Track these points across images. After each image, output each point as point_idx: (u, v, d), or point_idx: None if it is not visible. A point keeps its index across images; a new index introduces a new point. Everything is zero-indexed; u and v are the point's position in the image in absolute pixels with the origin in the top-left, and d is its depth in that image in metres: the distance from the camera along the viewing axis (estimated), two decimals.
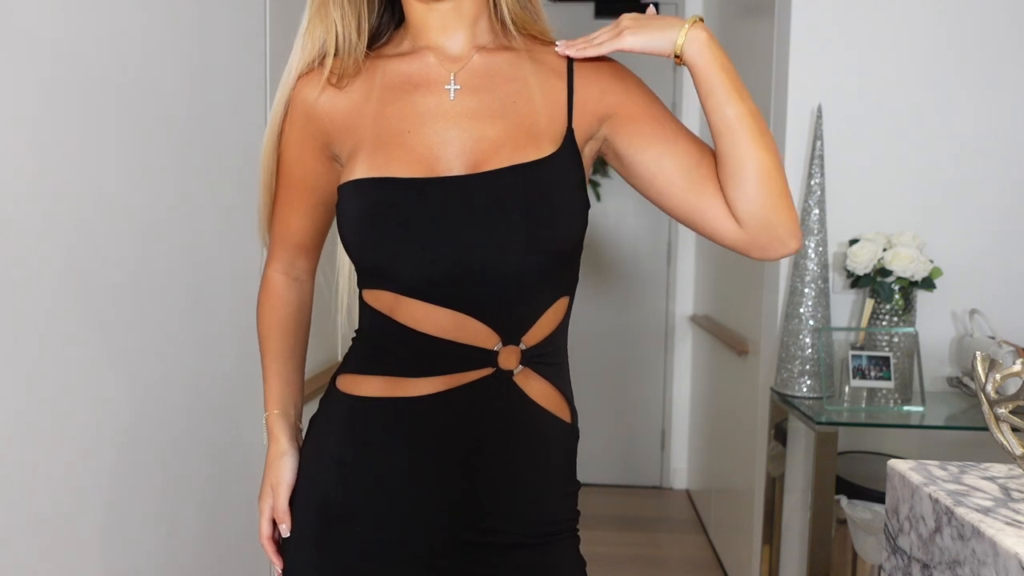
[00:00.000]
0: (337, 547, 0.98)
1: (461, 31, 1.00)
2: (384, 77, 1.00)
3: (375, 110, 0.98)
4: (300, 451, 1.05)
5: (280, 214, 1.07)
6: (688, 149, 0.98)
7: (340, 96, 1.00)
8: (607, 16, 3.69)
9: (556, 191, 0.94)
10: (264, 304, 1.10)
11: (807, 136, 2.22)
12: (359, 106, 0.99)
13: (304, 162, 1.02)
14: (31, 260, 1.04)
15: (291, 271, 1.10)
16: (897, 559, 0.90)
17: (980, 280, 2.21)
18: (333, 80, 1.00)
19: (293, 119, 1.01)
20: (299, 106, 1.01)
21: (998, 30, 2.18)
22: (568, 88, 0.99)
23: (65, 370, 1.10)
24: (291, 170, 1.03)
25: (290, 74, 1.01)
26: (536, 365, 0.97)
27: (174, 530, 1.39)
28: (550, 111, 0.98)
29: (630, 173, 1.01)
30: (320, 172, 1.02)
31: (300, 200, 1.05)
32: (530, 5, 1.02)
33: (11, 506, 1.01)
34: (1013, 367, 0.82)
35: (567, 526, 1.01)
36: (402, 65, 1.00)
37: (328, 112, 1.00)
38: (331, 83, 1.00)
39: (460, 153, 0.95)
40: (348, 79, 1.00)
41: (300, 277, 1.10)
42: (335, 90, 1.00)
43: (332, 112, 1.00)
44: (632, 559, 3.06)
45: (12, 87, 1.00)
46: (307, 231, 1.07)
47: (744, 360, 2.71)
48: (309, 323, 1.13)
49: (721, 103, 0.94)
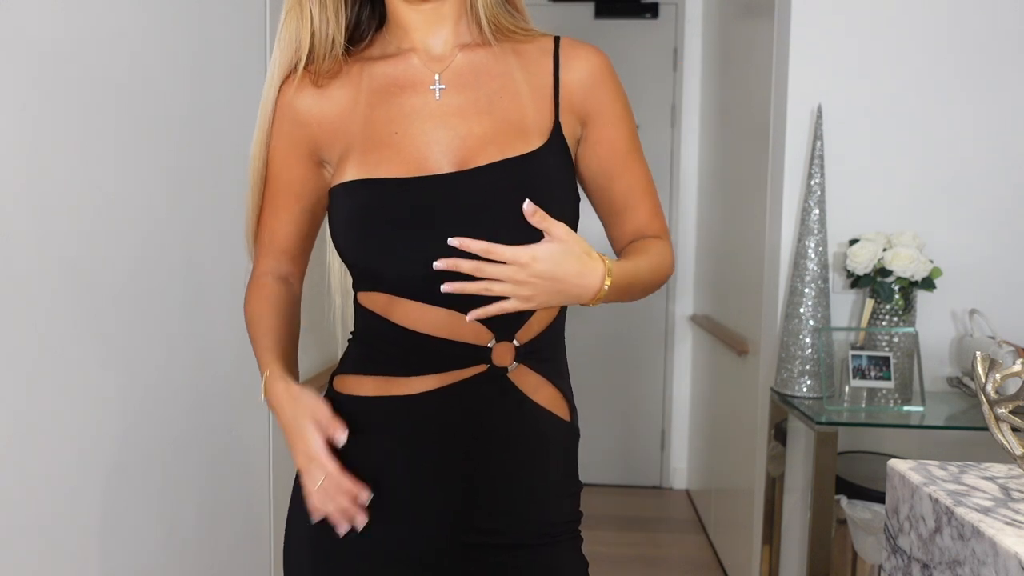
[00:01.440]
0: (336, 548, 0.97)
1: (444, 30, 1.00)
2: (370, 80, 1.00)
3: (363, 113, 0.99)
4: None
5: (266, 220, 1.05)
6: (621, 194, 1.03)
7: (326, 101, 1.00)
8: (607, 16, 3.68)
9: (545, 184, 0.94)
10: (252, 295, 1.06)
11: (807, 136, 2.22)
12: (346, 110, 0.99)
13: (290, 168, 1.02)
14: (30, 260, 1.04)
15: (278, 275, 1.07)
16: (897, 559, 0.90)
17: (980, 280, 2.21)
18: (314, 78, 1.00)
19: (279, 125, 1.01)
20: (285, 112, 1.00)
21: (998, 30, 2.18)
22: (554, 83, 0.99)
23: (64, 370, 1.10)
24: (278, 176, 1.03)
25: (272, 77, 1.01)
26: (532, 362, 0.97)
27: (174, 530, 1.39)
28: (537, 105, 0.98)
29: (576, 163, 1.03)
30: (307, 178, 1.02)
31: (286, 206, 1.04)
32: (509, 3, 1.02)
33: (10, 506, 1.01)
34: (1013, 367, 0.82)
35: (569, 527, 1.01)
36: (387, 68, 1.01)
37: (315, 117, 1.00)
38: (313, 83, 1.00)
39: (448, 151, 0.95)
40: (330, 78, 1.00)
41: (288, 280, 1.08)
42: (320, 94, 1.00)
43: (319, 117, 1.00)
44: (632, 559, 3.06)
45: (12, 87, 1.00)
46: (293, 237, 1.06)
47: (744, 360, 2.71)
48: (299, 320, 1.09)
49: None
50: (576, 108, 1.00)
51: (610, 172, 1.02)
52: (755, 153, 2.56)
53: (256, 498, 1.72)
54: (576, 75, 1.00)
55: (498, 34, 1.00)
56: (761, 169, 2.47)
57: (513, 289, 0.86)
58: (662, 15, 3.68)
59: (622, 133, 1.02)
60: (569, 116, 0.99)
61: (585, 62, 1.00)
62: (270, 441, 1.76)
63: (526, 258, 0.85)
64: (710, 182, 3.40)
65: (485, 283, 0.86)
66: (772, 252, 2.34)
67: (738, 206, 2.86)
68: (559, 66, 1.00)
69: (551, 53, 1.01)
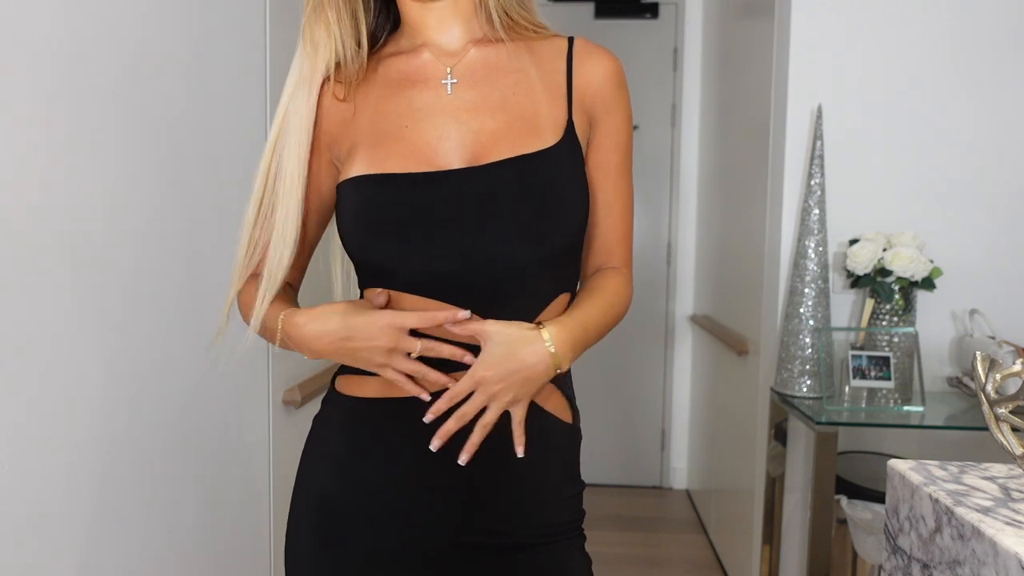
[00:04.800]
0: (337, 548, 0.97)
1: (457, 26, 1.00)
2: (383, 76, 1.00)
3: (373, 108, 0.98)
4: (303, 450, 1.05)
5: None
6: (601, 207, 1.01)
7: (340, 101, 1.00)
8: (607, 16, 3.68)
9: (557, 182, 0.94)
10: (245, 287, 1.04)
11: (807, 136, 2.22)
12: (358, 106, 0.99)
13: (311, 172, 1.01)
14: (30, 260, 1.04)
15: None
16: (897, 559, 0.90)
17: (980, 280, 2.21)
18: (340, 95, 0.99)
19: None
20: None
21: (998, 30, 2.18)
22: (568, 82, 0.99)
23: (64, 370, 1.10)
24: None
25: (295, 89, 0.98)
26: None
27: (173, 530, 1.39)
28: (551, 103, 0.98)
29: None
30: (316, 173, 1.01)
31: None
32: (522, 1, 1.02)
33: (10, 506, 1.01)
34: (1013, 367, 0.82)
35: (571, 526, 1.01)
36: (399, 63, 1.00)
37: (332, 118, 1.00)
38: (337, 97, 0.99)
39: (459, 147, 0.94)
40: (351, 89, 1.00)
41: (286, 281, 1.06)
42: (335, 97, 1.00)
43: (334, 117, 1.00)
44: (632, 559, 3.06)
45: (12, 87, 1.00)
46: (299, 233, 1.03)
47: (744, 360, 2.71)
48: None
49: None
50: (586, 108, 0.99)
51: (596, 181, 1.01)
52: (755, 153, 2.56)
53: (256, 498, 1.72)
54: (589, 76, 0.99)
55: (510, 29, 1.00)
56: (761, 169, 2.47)
57: (494, 405, 0.90)
58: (662, 15, 3.68)
59: (619, 145, 1.01)
60: (581, 115, 0.99)
61: (599, 66, 1.00)
62: (270, 441, 1.76)
63: (478, 378, 0.89)
64: (710, 182, 3.40)
65: (463, 418, 0.91)
66: (772, 252, 2.34)
67: (738, 206, 2.86)
68: (573, 65, 0.99)
69: (565, 52, 1.00)
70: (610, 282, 1.00)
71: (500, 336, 0.89)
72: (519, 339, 0.89)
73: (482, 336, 0.89)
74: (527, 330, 0.90)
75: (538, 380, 0.91)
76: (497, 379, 0.89)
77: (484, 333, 0.89)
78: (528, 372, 0.90)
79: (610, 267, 1.03)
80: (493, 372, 0.89)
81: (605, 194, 1.01)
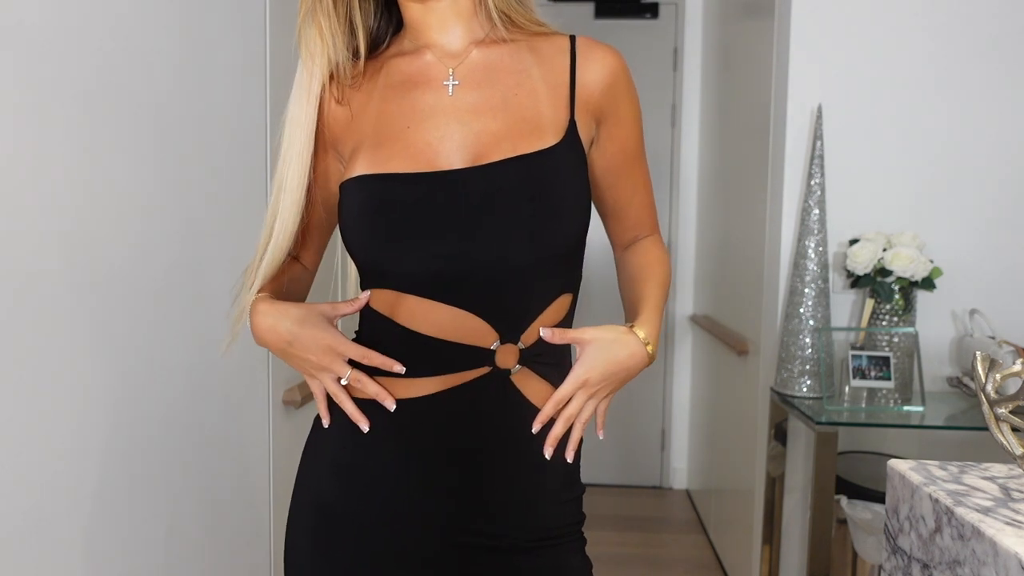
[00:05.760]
0: (335, 550, 0.97)
1: (458, 27, 1.00)
2: (386, 77, 1.00)
3: (376, 108, 0.99)
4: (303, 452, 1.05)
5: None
6: (625, 193, 1.07)
7: (343, 104, 1.01)
8: (607, 16, 3.68)
9: (559, 182, 0.94)
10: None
11: (807, 136, 2.22)
12: (361, 107, 1.00)
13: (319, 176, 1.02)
14: (29, 259, 1.04)
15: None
16: (897, 559, 0.90)
17: (980, 280, 2.21)
18: (340, 98, 1.00)
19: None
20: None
21: (998, 31, 2.18)
22: (570, 81, 0.99)
23: (64, 370, 1.10)
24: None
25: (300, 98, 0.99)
26: (535, 365, 0.96)
27: (173, 530, 1.39)
28: (553, 103, 0.98)
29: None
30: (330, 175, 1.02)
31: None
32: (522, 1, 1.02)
33: (9, 506, 1.01)
34: (1013, 367, 0.82)
35: (571, 529, 1.01)
36: (402, 64, 1.01)
37: (335, 119, 1.01)
38: (335, 100, 1.00)
39: (460, 147, 0.95)
40: (352, 92, 1.01)
41: (298, 259, 1.07)
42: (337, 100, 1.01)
43: (337, 118, 1.01)
44: (632, 559, 3.06)
45: (11, 87, 1.00)
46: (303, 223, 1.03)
47: (744, 360, 2.71)
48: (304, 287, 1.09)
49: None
50: (592, 107, 0.99)
51: (618, 171, 1.04)
52: (755, 153, 2.56)
53: (256, 498, 1.72)
54: (593, 75, 0.99)
55: (511, 28, 1.00)
56: (761, 169, 2.47)
57: (592, 403, 0.98)
58: (662, 15, 3.68)
59: (633, 135, 1.04)
60: (584, 115, 0.99)
61: (602, 63, 1.00)
62: (270, 441, 1.76)
63: (581, 379, 0.95)
64: (710, 182, 3.41)
65: (570, 420, 0.97)
66: (772, 252, 2.34)
67: (738, 206, 2.86)
68: (576, 65, 0.99)
69: (567, 51, 1.00)
70: (652, 256, 1.08)
71: (598, 341, 0.96)
72: (615, 341, 0.96)
73: (579, 343, 0.96)
74: (622, 333, 0.97)
75: (633, 374, 0.99)
76: (599, 380, 0.96)
77: (581, 340, 0.96)
78: (628, 369, 0.97)
79: (645, 236, 1.11)
80: (596, 373, 0.95)
81: (628, 180, 1.06)
